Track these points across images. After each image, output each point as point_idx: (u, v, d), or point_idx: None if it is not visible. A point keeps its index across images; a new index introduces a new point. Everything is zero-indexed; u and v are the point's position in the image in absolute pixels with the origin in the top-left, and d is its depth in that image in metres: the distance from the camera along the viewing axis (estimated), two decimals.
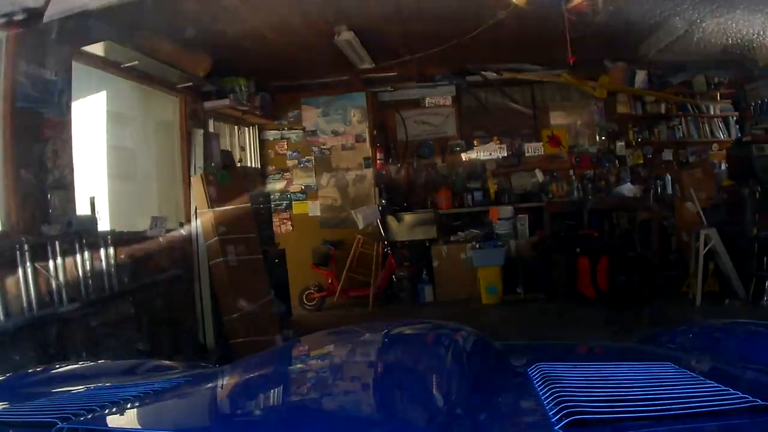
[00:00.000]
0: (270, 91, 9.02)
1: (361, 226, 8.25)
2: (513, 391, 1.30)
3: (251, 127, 9.22)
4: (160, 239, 6.05)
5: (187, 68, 6.65)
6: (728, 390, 1.05)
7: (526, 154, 9.52)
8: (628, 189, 9.30)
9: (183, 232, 6.87)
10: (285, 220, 9.16)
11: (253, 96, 8.32)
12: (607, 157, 9.70)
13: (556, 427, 0.94)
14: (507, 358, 1.62)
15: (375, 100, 9.28)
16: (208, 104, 7.56)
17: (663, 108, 9.83)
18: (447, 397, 1.23)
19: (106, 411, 1.20)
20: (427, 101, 9.61)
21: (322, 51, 7.14)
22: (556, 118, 10.07)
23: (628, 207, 9.14)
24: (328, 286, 8.58)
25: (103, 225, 5.16)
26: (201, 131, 7.19)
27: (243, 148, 8.76)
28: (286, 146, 9.21)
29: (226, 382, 1.47)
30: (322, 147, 9.03)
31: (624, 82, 9.48)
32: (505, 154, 9.46)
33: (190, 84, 7.05)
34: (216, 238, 6.67)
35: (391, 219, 8.75)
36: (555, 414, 0.97)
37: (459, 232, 8.53)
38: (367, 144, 8.81)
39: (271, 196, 9.04)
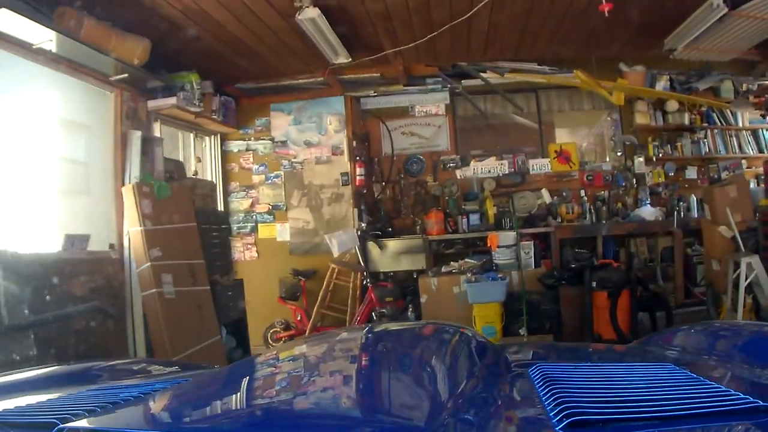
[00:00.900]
0: (234, 95, 7.79)
1: (336, 253, 6.94)
2: (513, 391, 1.32)
3: (213, 137, 7.98)
4: (80, 262, 5.09)
5: (119, 53, 5.42)
6: (729, 391, 1.06)
7: (531, 172, 8.29)
8: (648, 212, 8.12)
9: (113, 254, 5.61)
10: (249, 246, 7.85)
11: (210, 97, 7.11)
12: (623, 175, 8.42)
13: (557, 428, 0.94)
14: (507, 358, 1.61)
15: (356, 106, 8.02)
16: (152, 103, 6.48)
17: (687, 119, 8.68)
18: (447, 397, 1.21)
19: (107, 411, 1.20)
20: (416, 109, 8.38)
21: (285, 38, 5.90)
22: (565, 131, 8.87)
23: (648, 232, 8.04)
24: (296, 324, 7.25)
25: None
26: (139, 133, 5.94)
27: (199, 159, 7.47)
28: (251, 159, 7.94)
29: (226, 382, 1.48)
30: (293, 160, 7.76)
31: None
32: (507, 172, 8.22)
33: (127, 76, 5.92)
34: (148, 263, 5.46)
35: (372, 246, 7.46)
36: (556, 414, 0.97)
37: (452, 262, 7.19)
38: (345, 157, 7.53)
39: (234, 217, 7.77)
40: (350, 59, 6.41)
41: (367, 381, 1.40)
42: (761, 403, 0.98)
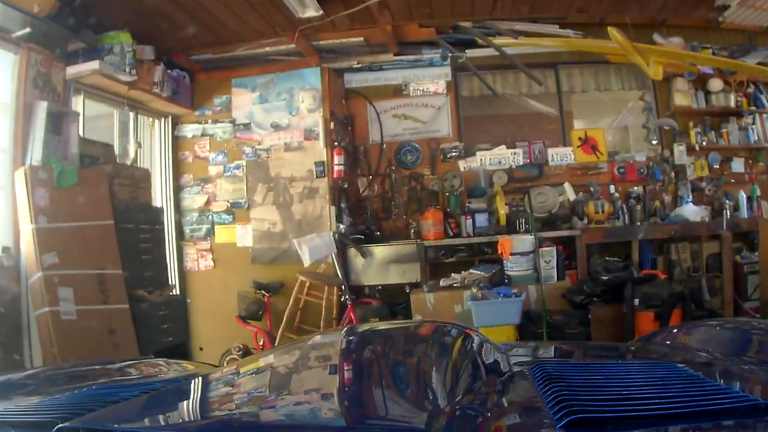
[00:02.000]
0: (190, 70, 6.38)
1: (307, 262, 5.50)
2: (514, 390, 1.29)
3: (163, 120, 6.54)
4: None
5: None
6: (729, 389, 1.07)
7: (551, 163, 6.90)
8: (692, 211, 6.74)
9: (5, 261, 4.34)
10: (204, 252, 6.39)
11: (150, 66, 5.72)
12: (660, 168, 6.96)
13: (558, 426, 0.93)
14: (508, 357, 1.58)
15: (335, 81, 6.57)
16: (72, 70, 5.18)
17: (732, 101, 7.24)
18: (448, 396, 1.20)
19: (107, 411, 1.18)
20: (411, 87, 6.94)
21: None
22: (591, 114, 7.38)
23: (691, 236, 6.63)
24: (257, 349, 5.75)
25: None
26: (44, 105, 4.58)
27: (140, 145, 6.02)
28: (208, 146, 6.47)
29: (226, 381, 1.47)
30: (258, 147, 6.30)
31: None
32: (521, 163, 6.84)
33: (30, 31, 4.69)
34: (40, 273, 4.04)
35: (353, 253, 6.00)
36: (556, 413, 0.96)
37: (453, 274, 5.71)
38: (321, 142, 6.06)
39: (187, 217, 6.34)
40: (321, 12, 4.98)
41: (367, 380, 1.39)
42: (762, 401, 0.97)
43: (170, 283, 5.48)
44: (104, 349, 4.26)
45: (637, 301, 5.08)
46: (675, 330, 2.04)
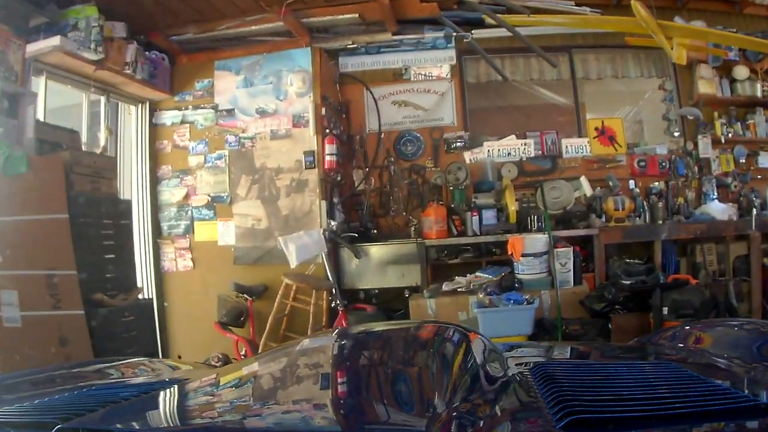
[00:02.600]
0: (170, 52, 5.82)
1: (294, 263, 4.89)
2: (515, 390, 1.29)
3: (141, 106, 5.97)
4: None
5: None
6: (729, 389, 1.05)
7: (565, 155, 6.27)
8: (718, 209, 6.16)
9: None
10: (183, 251, 5.79)
11: (122, 44, 5.15)
12: (683, 161, 6.38)
13: (558, 427, 0.92)
14: (508, 358, 1.58)
15: (327, 64, 5.98)
16: (32, 47, 4.66)
17: (759, 90, 6.71)
18: (447, 398, 1.17)
19: (107, 411, 1.17)
20: (412, 72, 6.35)
21: None
22: (609, 102, 6.77)
23: (717, 236, 6.03)
24: (238, 359, 5.15)
25: None
26: None
27: (111, 132, 5.44)
28: (188, 134, 5.87)
29: (227, 382, 1.45)
30: (242, 135, 5.70)
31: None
32: (532, 155, 6.25)
33: None
34: None
35: (346, 254, 5.40)
36: (556, 414, 0.96)
37: (457, 277, 5.11)
38: (311, 130, 5.45)
39: (164, 213, 5.78)
40: None
41: (367, 380, 1.39)
42: (762, 401, 0.99)
43: (138, 285, 4.88)
44: (53, 361, 3.68)
45: (666, 310, 4.49)
46: (675, 331, 1.98)
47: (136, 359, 2.56)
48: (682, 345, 1.82)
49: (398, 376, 1.41)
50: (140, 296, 4.82)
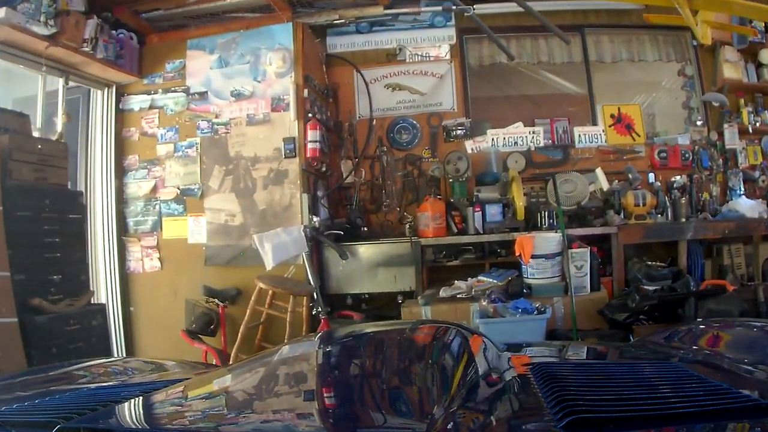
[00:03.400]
0: (140, 31, 5.25)
1: (270, 264, 4.29)
2: (515, 390, 1.28)
3: (107, 90, 5.37)
4: None
5: None
6: (731, 389, 1.04)
7: (577, 145, 5.64)
8: (747, 206, 5.62)
9: None
10: (149, 251, 5.17)
11: (80, 19, 4.57)
12: (707, 153, 5.77)
13: (559, 426, 0.90)
14: (508, 357, 1.57)
15: (311, 42, 5.37)
16: None
17: None
18: (449, 396, 1.16)
19: (108, 410, 1.17)
20: (407, 52, 5.72)
21: None
22: (625, 88, 6.16)
23: (744, 236, 5.46)
24: None
25: None
26: None
27: (69, 117, 4.82)
28: (157, 120, 5.25)
29: (228, 382, 1.46)
30: (215, 121, 5.06)
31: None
32: (541, 144, 5.64)
33: None
34: None
35: (330, 254, 4.76)
36: (557, 413, 0.94)
37: (457, 281, 4.49)
38: (292, 114, 4.82)
39: (131, 207, 5.18)
40: None
41: (367, 380, 1.38)
42: (764, 401, 0.96)
43: (90, 288, 4.25)
44: None
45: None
46: (677, 330, 1.90)
47: (136, 359, 2.58)
48: (683, 345, 1.77)
49: (393, 381, 1.38)
50: (92, 301, 4.20)
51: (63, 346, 3.71)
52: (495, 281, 4.38)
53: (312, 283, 4.42)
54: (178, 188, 5.11)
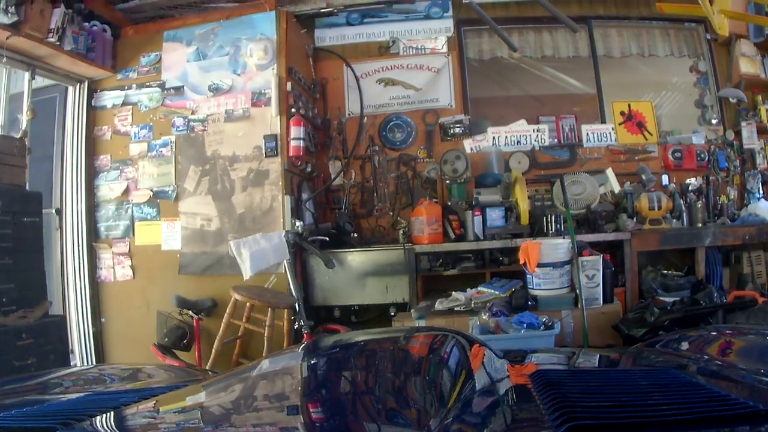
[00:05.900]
0: (115, 23, 4.89)
1: (248, 274, 3.88)
2: (514, 396, 1.26)
3: (79, 85, 4.99)
4: None
5: None
6: (728, 396, 1.04)
7: (585, 144, 5.21)
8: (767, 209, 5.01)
9: None
10: (121, 258, 4.75)
11: (45, 8, 4.24)
12: (724, 153, 5.37)
13: None
14: (507, 364, 1.55)
15: (296, 30, 4.96)
16: None
17: None
18: (447, 402, 1.16)
19: (107, 416, 1.16)
20: (401, 45, 5.32)
21: None
22: (635, 85, 5.78)
23: (762, 242, 5.01)
24: None
25: None
26: None
27: (34, 113, 4.43)
28: (130, 118, 4.85)
29: (227, 387, 1.42)
30: (191, 117, 4.66)
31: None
32: (546, 143, 5.24)
33: None
34: None
35: (315, 262, 4.34)
36: (556, 420, 0.93)
37: (455, 292, 4.06)
38: (273, 109, 4.41)
39: (102, 212, 4.78)
40: None
41: (366, 386, 1.36)
42: (761, 407, 0.94)
43: (47, 299, 3.82)
44: None
45: None
46: (674, 337, 1.81)
47: (134, 364, 2.28)
48: (680, 351, 1.71)
49: (398, 381, 1.35)
50: (48, 314, 3.78)
51: (10, 363, 3.30)
52: (497, 292, 3.94)
53: (294, 294, 4.00)
54: (152, 190, 4.70)
